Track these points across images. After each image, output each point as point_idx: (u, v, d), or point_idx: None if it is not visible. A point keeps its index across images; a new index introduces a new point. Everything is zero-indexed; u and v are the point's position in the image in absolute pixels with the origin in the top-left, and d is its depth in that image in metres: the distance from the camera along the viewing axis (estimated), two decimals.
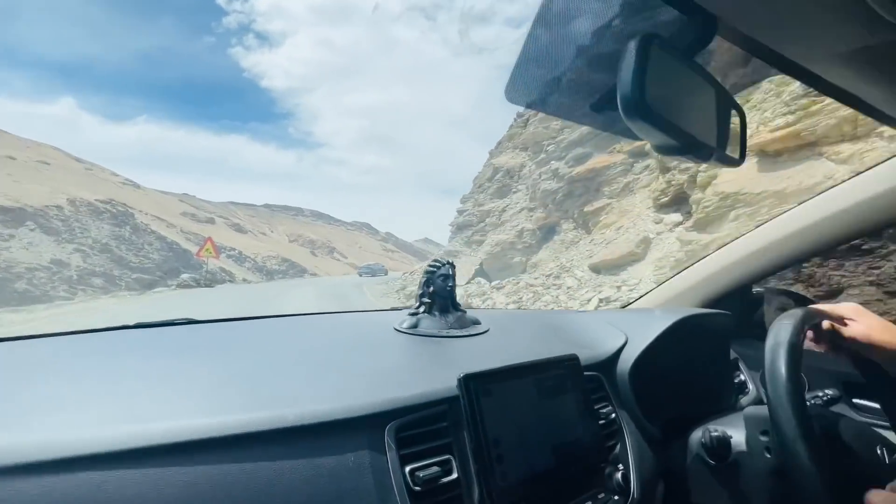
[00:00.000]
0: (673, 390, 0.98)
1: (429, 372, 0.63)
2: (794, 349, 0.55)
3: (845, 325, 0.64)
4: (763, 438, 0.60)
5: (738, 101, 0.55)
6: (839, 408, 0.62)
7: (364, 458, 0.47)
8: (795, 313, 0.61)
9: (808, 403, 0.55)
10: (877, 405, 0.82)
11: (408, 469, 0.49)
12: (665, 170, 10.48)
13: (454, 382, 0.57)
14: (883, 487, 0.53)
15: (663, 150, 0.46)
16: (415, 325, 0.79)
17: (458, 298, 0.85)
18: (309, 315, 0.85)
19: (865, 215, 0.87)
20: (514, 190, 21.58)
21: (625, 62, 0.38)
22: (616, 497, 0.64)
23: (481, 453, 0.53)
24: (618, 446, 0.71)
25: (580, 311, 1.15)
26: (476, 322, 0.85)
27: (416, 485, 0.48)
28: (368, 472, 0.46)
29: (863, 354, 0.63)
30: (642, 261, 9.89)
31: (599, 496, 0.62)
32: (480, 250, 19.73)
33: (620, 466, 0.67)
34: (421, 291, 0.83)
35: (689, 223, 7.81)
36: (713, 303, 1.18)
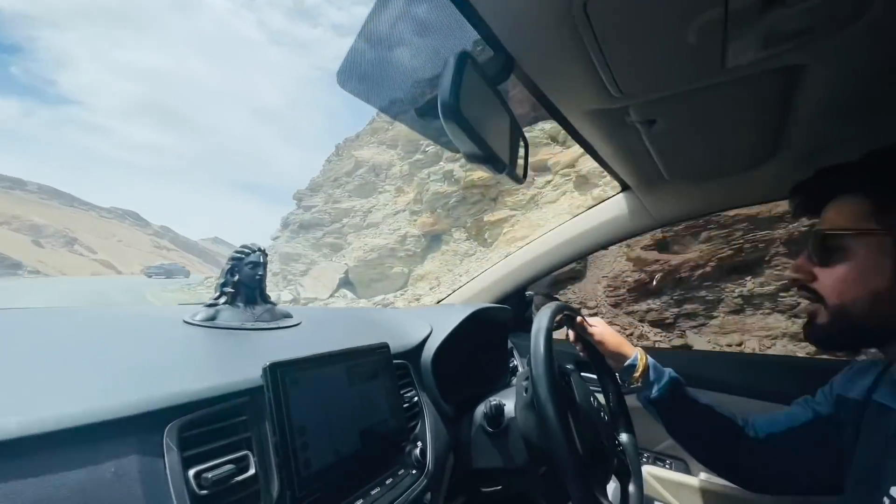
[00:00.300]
0: (465, 373, 1.14)
1: (227, 365, 0.56)
2: (549, 331, 0.73)
3: (591, 325, 0.95)
4: (525, 395, 0.77)
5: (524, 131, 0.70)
6: (574, 377, 0.86)
7: (132, 465, 0.38)
8: (552, 305, 0.83)
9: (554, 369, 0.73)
10: (595, 377, 1.13)
11: (192, 472, 0.42)
12: (582, 185, 10.57)
13: (257, 373, 0.53)
14: (599, 429, 0.76)
15: (470, 157, 0.54)
16: (212, 318, 0.69)
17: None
18: (75, 309, 0.63)
19: (594, 237, 1.22)
20: (380, 189, 19.35)
21: (446, 71, 0.44)
22: (414, 471, 0.70)
23: (284, 444, 0.51)
24: (418, 426, 0.78)
25: (394, 308, 1.22)
26: (287, 315, 0.80)
27: (202, 488, 0.42)
28: (136, 481, 0.38)
29: (596, 347, 0.95)
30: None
31: (399, 472, 0.67)
32: (345, 255, 16.78)
33: (419, 444, 0.74)
34: (223, 280, 0.73)
35: None
36: (500, 301, 1.43)
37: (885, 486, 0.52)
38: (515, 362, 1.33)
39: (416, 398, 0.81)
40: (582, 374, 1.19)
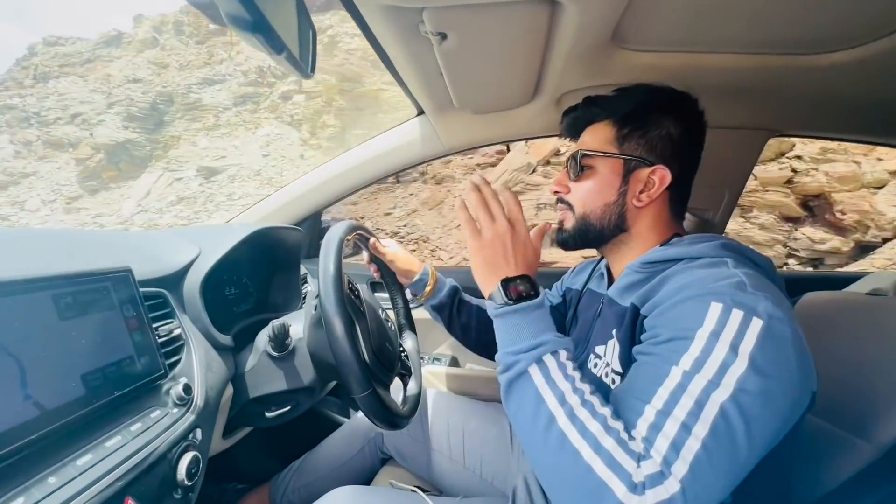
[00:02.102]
0: (249, 300, 1.03)
1: None
2: (340, 243, 0.71)
3: (384, 246, 0.97)
4: (315, 312, 0.74)
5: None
6: (362, 289, 0.87)
7: None
8: (345, 222, 0.80)
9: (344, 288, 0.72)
10: (387, 295, 1.18)
11: None
12: None
13: None
14: (384, 336, 0.80)
15: (237, 21, 0.43)
16: None
17: None
18: None
19: (390, 161, 1.23)
20: None
21: None
22: (174, 410, 0.59)
23: None
24: (182, 361, 0.66)
25: (148, 230, 0.97)
26: None
27: None
28: None
29: (388, 266, 1.00)
30: None
31: (153, 414, 0.56)
32: None
33: (183, 379, 0.63)
34: None
35: None
36: (295, 225, 1.31)
37: (591, 346, 0.70)
38: (310, 288, 1.28)
39: (177, 330, 0.67)
40: (375, 294, 1.23)
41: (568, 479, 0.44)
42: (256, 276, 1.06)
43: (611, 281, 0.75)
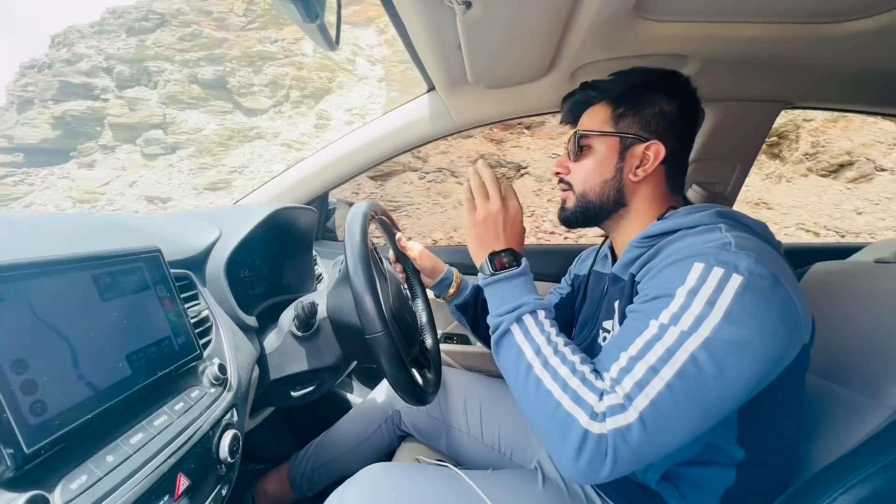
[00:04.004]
0: (268, 280, 1.02)
1: None
2: (366, 214, 0.71)
3: (410, 248, 0.98)
4: (339, 274, 0.75)
5: None
6: (384, 258, 0.88)
7: None
8: (369, 202, 0.79)
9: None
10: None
11: None
12: None
13: None
14: (404, 304, 0.80)
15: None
16: None
17: None
18: None
19: (399, 139, 1.21)
20: None
21: None
22: (212, 390, 0.60)
23: None
24: (212, 342, 0.66)
25: (168, 212, 0.95)
26: None
27: None
28: None
29: (413, 266, 1.00)
30: None
31: (193, 394, 0.56)
32: None
33: (216, 360, 0.63)
34: None
35: None
36: (306, 204, 1.30)
37: (599, 322, 0.73)
38: (320, 270, 1.27)
39: (205, 312, 0.67)
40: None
41: (543, 415, 0.51)
42: (269, 258, 1.05)
43: (615, 260, 0.77)
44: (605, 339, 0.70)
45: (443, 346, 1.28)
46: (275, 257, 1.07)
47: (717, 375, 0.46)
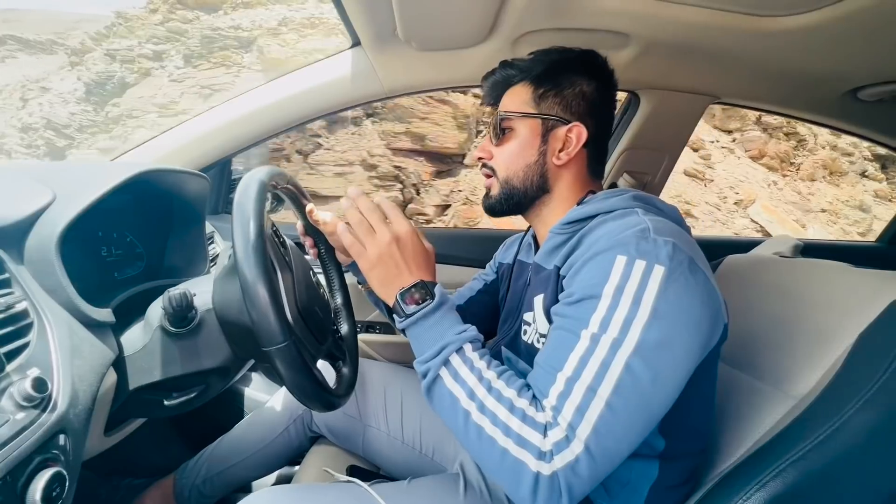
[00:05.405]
0: (131, 262, 0.82)
1: None
2: (262, 183, 0.57)
3: (324, 220, 0.75)
4: (228, 260, 0.60)
5: None
6: (289, 243, 0.73)
7: None
8: (268, 166, 0.64)
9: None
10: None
11: None
12: None
13: None
14: (313, 296, 0.68)
15: None
16: None
17: None
18: None
19: (316, 101, 1.05)
20: None
21: None
22: (21, 415, 0.43)
23: None
24: (31, 346, 0.48)
25: None
26: None
27: None
28: None
29: (327, 241, 0.81)
30: None
31: None
32: None
33: (31, 372, 0.46)
34: None
35: None
36: (201, 170, 1.07)
37: (521, 314, 0.70)
38: (218, 250, 1.08)
39: (19, 304, 0.49)
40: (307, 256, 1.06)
41: (492, 462, 0.48)
42: (147, 234, 0.84)
43: (538, 249, 0.75)
44: (525, 332, 0.68)
45: (363, 337, 1.17)
46: (154, 233, 0.86)
47: (653, 380, 0.46)
